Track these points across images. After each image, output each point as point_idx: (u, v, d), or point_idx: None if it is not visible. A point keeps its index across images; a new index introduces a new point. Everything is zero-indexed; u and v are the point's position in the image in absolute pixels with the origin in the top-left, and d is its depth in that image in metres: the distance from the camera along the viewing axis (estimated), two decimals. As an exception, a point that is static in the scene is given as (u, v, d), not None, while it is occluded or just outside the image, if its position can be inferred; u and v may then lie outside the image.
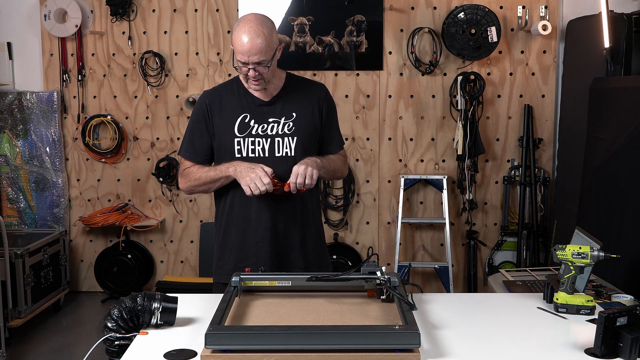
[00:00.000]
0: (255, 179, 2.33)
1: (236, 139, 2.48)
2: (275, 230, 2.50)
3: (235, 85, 2.56)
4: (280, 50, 2.49)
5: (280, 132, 2.49)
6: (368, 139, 4.90)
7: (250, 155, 2.48)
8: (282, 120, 2.50)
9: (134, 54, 4.93)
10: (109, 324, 1.98)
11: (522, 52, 4.76)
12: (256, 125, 2.49)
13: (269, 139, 2.48)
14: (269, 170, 2.37)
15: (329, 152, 2.61)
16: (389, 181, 4.92)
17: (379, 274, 2.14)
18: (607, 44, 3.98)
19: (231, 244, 2.55)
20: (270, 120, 2.49)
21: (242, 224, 2.52)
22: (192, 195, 5.01)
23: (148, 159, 5.03)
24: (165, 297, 2.04)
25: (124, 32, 4.90)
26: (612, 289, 2.76)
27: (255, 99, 2.51)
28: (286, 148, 2.48)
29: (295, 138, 2.49)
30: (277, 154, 2.48)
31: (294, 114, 2.51)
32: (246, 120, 2.49)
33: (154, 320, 2.02)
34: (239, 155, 2.48)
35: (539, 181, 4.82)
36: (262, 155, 2.48)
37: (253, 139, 2.48)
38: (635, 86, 3.52)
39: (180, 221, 5.08)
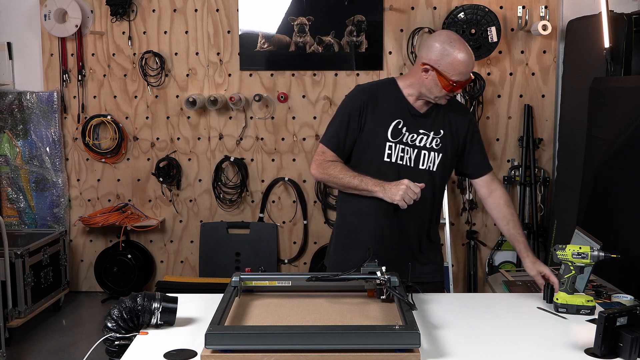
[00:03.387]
0: (407, 191, 2.32)
1: (388, 143, 2.49)
2: (406, 235, 2.56)
3: (392, 89, 2.55)
4: None
5: (427, 146, 2.51)
6: (368, 139, 4.90)
7: (399, 162, 2.49)
8: (432, 135, 2.52)
9: (134, 54, 4.93)
10: (109, 324, 1.98)
11: (522, 52, 4.76)
12: (407, 134, 2.50)
13: (416, 150, 2.51)
14: (420, 185, 2.37)
15: (479, 173, 2.61)
16: (389, 181, 4.92)
17: (379, 274, 2.15)
18: (607, 44, 3.98)
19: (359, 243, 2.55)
20: (421, 132, 2.51)
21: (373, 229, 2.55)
22: (193, 195, 5.02)
23: (148, 159, 5.03)
24: (165, 297, 2.04)
25: (124, 32, 4.90)
26: (612, 289, 2.76)
27: (411, 107, 2.52)
28: (430, 162, 2.52)
29: (440, 155, 2.52)
30: (420, 167, 2.51)
31: (442, 131, 2.53)
32: (399, 127, 2.50)
33: (154, 320, 2.02)
34: (388, 160, 2.49)
35: (539, 181, 4.82)
36: (408, 164, 2.50)
37: (404, 146, 2.50)
38: (635, 86, 3.51)
39: (180, 221, 5.08)
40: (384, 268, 2.17)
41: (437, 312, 2.21)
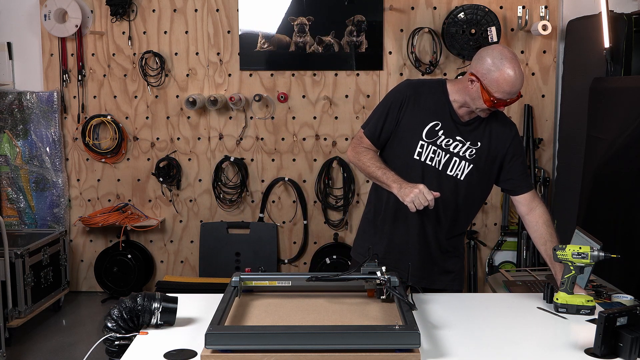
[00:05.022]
0: (419, 195, 2.33)
1: (421, 142, 2.50)
2: (424, 237, 2.57)
3: (439, 90, 2.55)
4: None
5: (461, 154, 2.51)
6: (368, 139, 4.89)
7: (427, 162, 2.50)
8: (468, 144, 2.52)
9: (134, 54, 4.92)
10: (109, 324, 1.98)
11: (522, 52, 4.76)
12: (443, 137, 2.51)
13: (447, 155, 2.51)
14: (435, 193, 2.36)
15: (519, 190, 2.59)
16: (389, 181, 4.92)
17: (379, 274, 2.15)
18: (607, 44, 3.98)
19: (383, 233, 2.61)
20: (458, 138, 2.51)
21: (396, 220, 2.59)
22: (193, 195, 5.02)
23: (148, 159, 5.03)
24: (165, 297, 2.05)
25: (124, 32, 4.90)
26: (612, 289, 2.76)
27: (454, 113, 2.52)
28: (458, 170, 2.52)
29: (471, 165, 2.51)
30: (448, 172, 2.51)
31: (479, 143, 2.52)
32: (436, 128, 2.51)
33: (154, 320, 2.02)
34: (417, 158, 2.51)
35: (539, 181, 4.82)
36: (437, 167, 2.51)
37: (436, 148, 2.50)
38: (635, 86, 3.52)
39: (180, 221, 5.08)
40: (384, 268, 2.17)
41: (437, 312, 2.21)
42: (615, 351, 1.84)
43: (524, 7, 4.62)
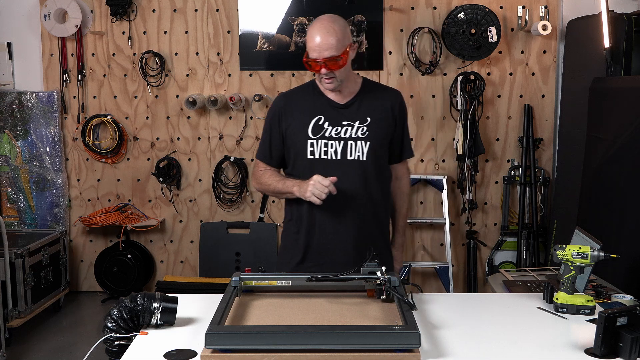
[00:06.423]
0: (315, 185, 2.36)
1: (309, 141, 2.51)
2: (352, 226, 2.56)
3: (311, 88, 2.59)
4: (354, 50, 2.52)
5: (353, 136, 2.51)
6: (368, 139, 4.89)
7: (323, 157, 2.51)
8: (357, 124, 2.52)
9: (134, 54, 4.92)
10: (109, 324, 1.98)
11: (522, 52, 4.76)
12: (330, 128, 2.51)
13: (342, 142, 2.51)
14: (331, 178, 2.38)
15: (397, 159, 2.65)
16: (389, 181, 4.92)
17: (379, 274, 2.15)
18: (607, 44, 3.98)
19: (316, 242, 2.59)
20: (345, 123, 2.52)
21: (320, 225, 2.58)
22: (193, 195, 5.02)
23: (148, 159, 5.03)
24: (165, 297, 2.05)
25: (124, 32, 4.90)
26: (612, 289, 2.76)
27: (331, 101, 2.54)
28: (358, 152, 2.51)
29: (368, 143, 2.51)
30: (349, 157, 2.51)
31: (368, 119, 2.53)
32: (320, 122, 2.52)
33: (154, 320, 2.02)
34: (312, 157, 2.51)
35: (539, 181, 4.82)
36: (334, 157, 2.51)
37: (326, 141, 2.51)
38: (635, 86, 3.52)
39: (180, 221, 5.08)
40: (384, 268, 2.17)
41: (437, 312, 2.21)
42: (615, 351, 1.84)
43: (524, 7, 4.62)
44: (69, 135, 5.04)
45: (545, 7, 4.61)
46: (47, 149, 4.98)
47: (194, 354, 1.85)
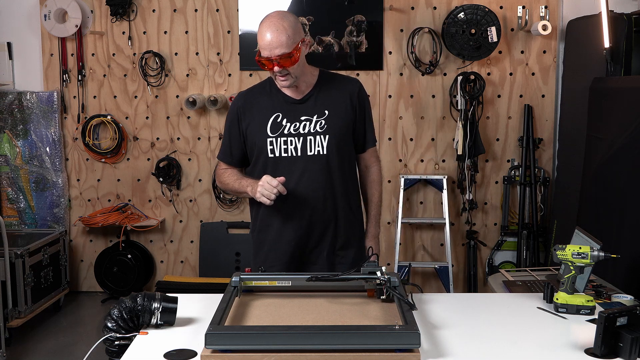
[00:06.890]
0: (264, 186, 2.36)
1: (269, 139, 2.50)
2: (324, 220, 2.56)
3: (268, 86, 2.58)
4: (307, 45, 2.49)
5: (312, 131, 2.50)
6: (368, 139, 4.89)
7: (283, 154, 2.50)
8: (315, 118, 2.50)
9: (134, 54, 4.92)
10: (109, 324, 1.98)
11: (522, 52, 4.76)
12: (288, 124, 2.50)
13: (301, 138, 2.50)
14: (279, 179, 2.38)
15: (361, 149, 2.64)
16: (389, 181, 4.92)
17: (379, 274, 2.15)
18: (607, 44, 3.98)
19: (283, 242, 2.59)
20: (303, 118, 2.50)
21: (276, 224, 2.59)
22: (193, 195, 5.02)
23: (148, 159, 5.03)
24: (165, 297, 2.05)
25: (124, 32, 4.90)
26: (612, 289, 2.76)
27: (287, 97, 2.53)
28: (319, 146, 2.50)
29: (327, 136, 2.50)
30: (309, 153, 2.50)
31: (327, 112, 2.51)
32: (278, 120, 2.51)
33: (154, 320, 2.02)
34: (272, 155, 2.50)
35: (539, 181, 4.82)
36: (294, 154, 2.50)
37: (285, 138, 2.50)
38: (635, 86, 3.52)
39: (180, 221, 5.08)
40: (384, 268, 2.17)
41: (437, 312, 2.21)
42: (615, 351, 1.84)
43: (524, 7, 4.62)
44: (69, 135, 5.04)
45: (545, 7, 4.61)
46: (47, 149, 4.98)
47: (194, 354, 1.85)
